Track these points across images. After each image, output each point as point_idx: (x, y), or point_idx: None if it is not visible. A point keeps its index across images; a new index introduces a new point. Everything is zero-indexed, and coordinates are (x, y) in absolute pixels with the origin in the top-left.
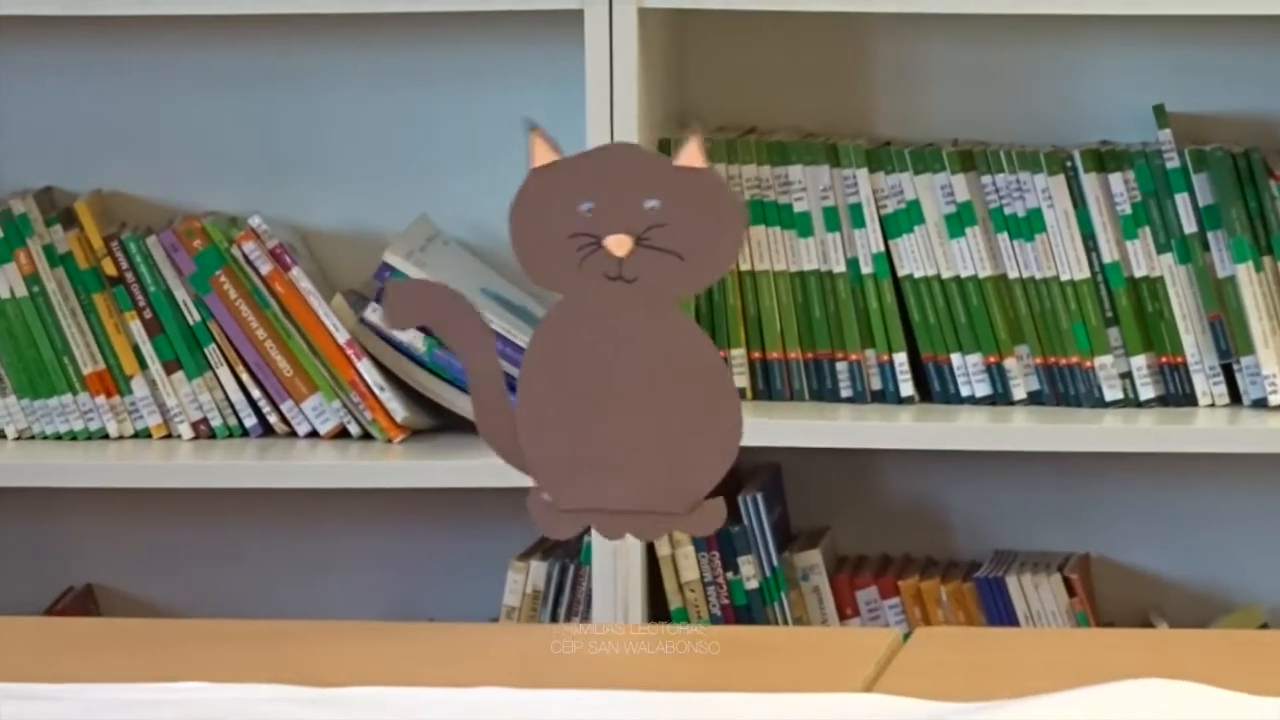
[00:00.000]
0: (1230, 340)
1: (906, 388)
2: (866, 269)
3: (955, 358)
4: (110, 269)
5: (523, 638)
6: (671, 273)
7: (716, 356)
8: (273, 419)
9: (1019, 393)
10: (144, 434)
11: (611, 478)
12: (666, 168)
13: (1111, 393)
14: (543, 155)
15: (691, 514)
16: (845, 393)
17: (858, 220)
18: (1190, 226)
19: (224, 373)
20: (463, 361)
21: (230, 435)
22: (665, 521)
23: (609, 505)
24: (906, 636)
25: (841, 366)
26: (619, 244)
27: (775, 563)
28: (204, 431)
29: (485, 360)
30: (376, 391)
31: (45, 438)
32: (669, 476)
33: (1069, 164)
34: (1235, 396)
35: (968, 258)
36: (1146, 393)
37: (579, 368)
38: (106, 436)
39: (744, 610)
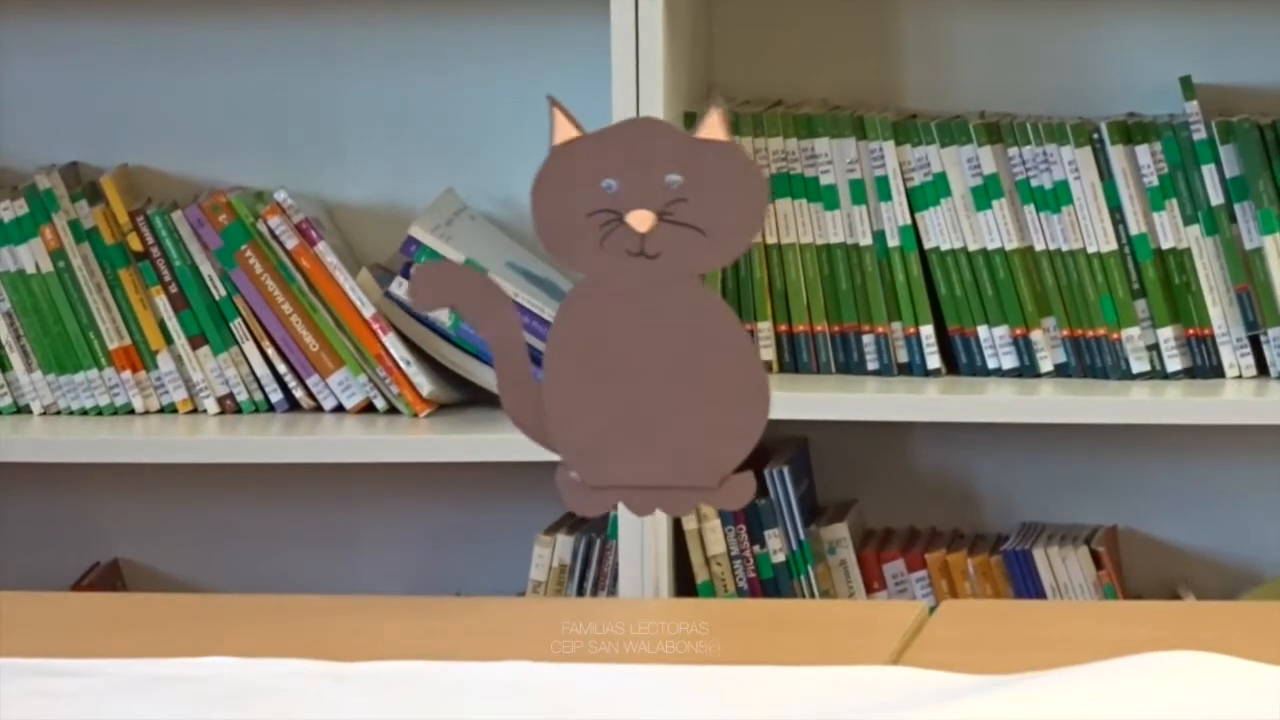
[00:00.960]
0: (1258, 312)
1: (933, 360)
2: (893, 242)
3: (982, 330)
4: (136, 244)
5: (548, 612)
6: (694, 248)
7: (742, 330)
8: (298, 394)
9: (1046, 365)
10: (170, 409)
11: (639, 454)
12: (688, 141)
13: (1138, 365)
14: (564, 131)
15: (721, 488)
16: (871, 365)
17: (884, 193)
18: (1217, 198)
19: (249, 348)
20: (489, 342)
21: (256, 410)
22: (695, 496)
23: (638, 481)
24: (932, 610)
25: (868, 339)
26: (641, 219)
27: (802, 536)
28: (229, 407)
29: (511, 340)
30: (402, 366)
31: (71, 413)
32: (697, 451)
33: (1096, 136)
34: (1263, 368)
35: (994, 230)
36: (1174, 365)
37: (604, 345)
38: (132, 412)
39: (770, 583)
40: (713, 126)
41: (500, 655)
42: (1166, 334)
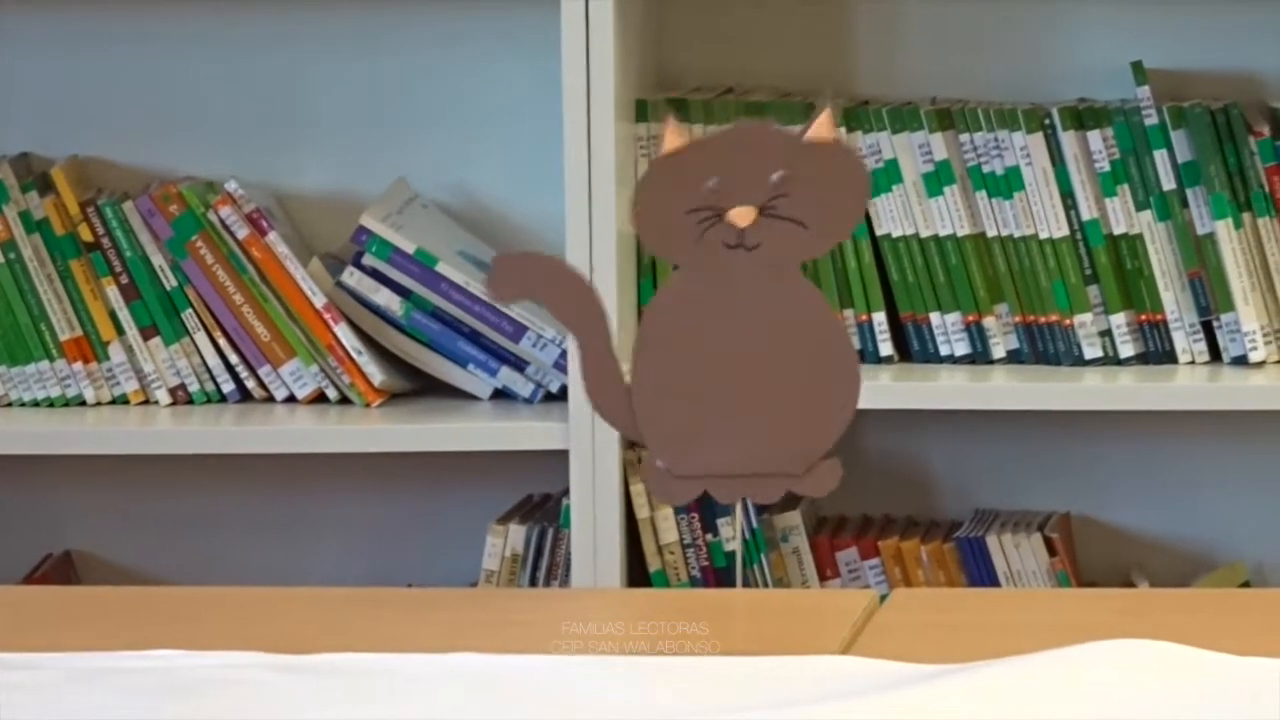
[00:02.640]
0: (1210, 297)
1: (886, 347)
2: None
3: (934, 317)
4: (87, 235)
5: (501, 601)
6: (792, 238)
7: (835, 319)
8: (250, 384)
9: (998, 351)
10: (121, 400)
11: (728, 442)
12: (794, 143)
13: (1091, 351)
14: (674, 139)
15: (808, 475)
16: None
17: None
18: (1169, 183)
19: (201, 338)
20: (573, 333)
21: (208, 401)
22: (782, 483)
23: (725, 470)
24: (884, 598)
25: None
26: (743, 215)
27: (755, 524)
28: (181, 397)
29: (596, 330)
30: (354, 355)
31: (23, 405)
32: (786, 439)
33: (1047, 122)
34: (1215, 353)
35: (946, 216)
36: (1126, 350)
37: (697, 335)
38: (84, 403)
39: (724, 572)
40: (821, 126)
41: (451, 646)
42: (1119, 320)
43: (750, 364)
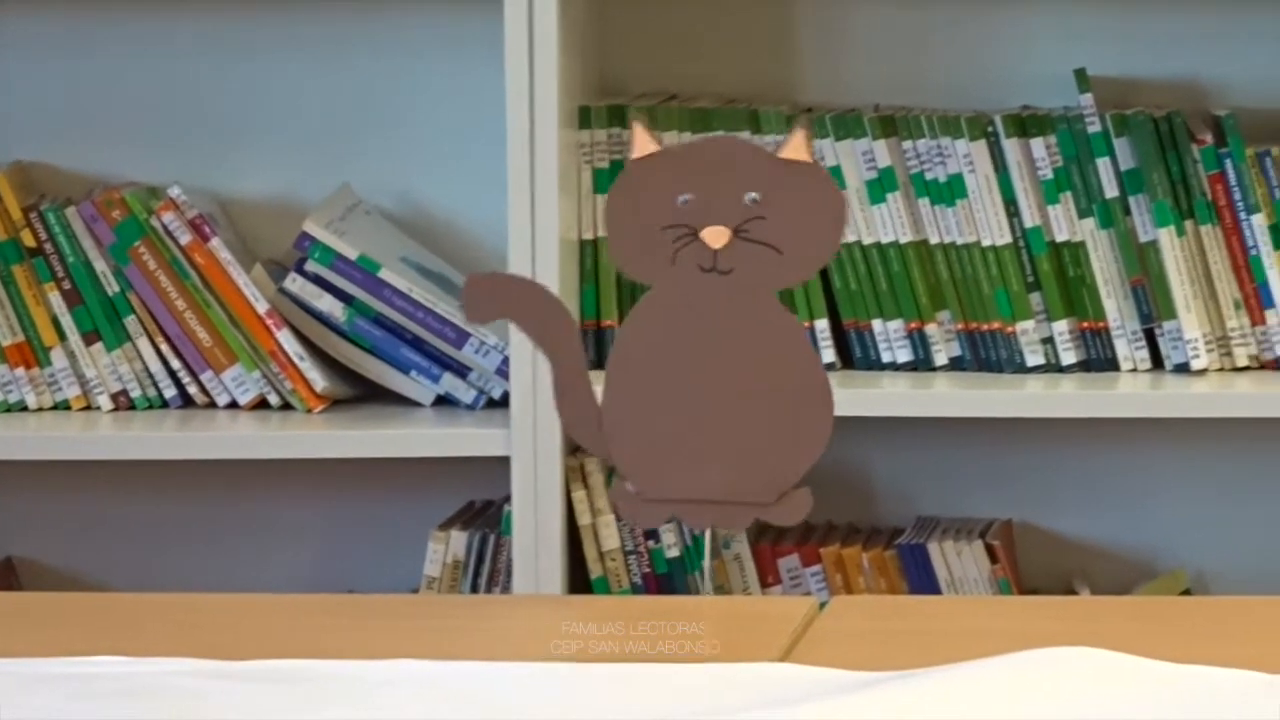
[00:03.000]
0: (1152, 305)
1: (828, 354)
2: None
3: (877, 324)
4: (29, 240)
5: (443, 609)
6: (768, 265)
7: (809, 347)
8: (192, 390)
9: (941, 359)
10: (63, 406)
11: (699, 468)
12: (769, 160)
13: (1033, 358)
14: (643, 146)
15: (778, 504)
16: None
17: None
18: (1112, 191)
19: (144, 344)
20: (546, 353)
21: (150, 406)
22: (752, 511)
23: (695, 495)
24: (823, 605)
25: None
26: (716, 236)
27: (696, 530)
28: (124, 403)
29: (568, 351)
30: (296, 361)
31: None
32: (757, 467)
33: (990, 129)
34: (1157, 361)
35: (889, 224)
36: (1068, 358)
37: (670, 358)
38: (25, 409)
39: (665, 578)
40: (796, 146)
41: (392, 653)
42: (1061, 327)
43: (723, 390)
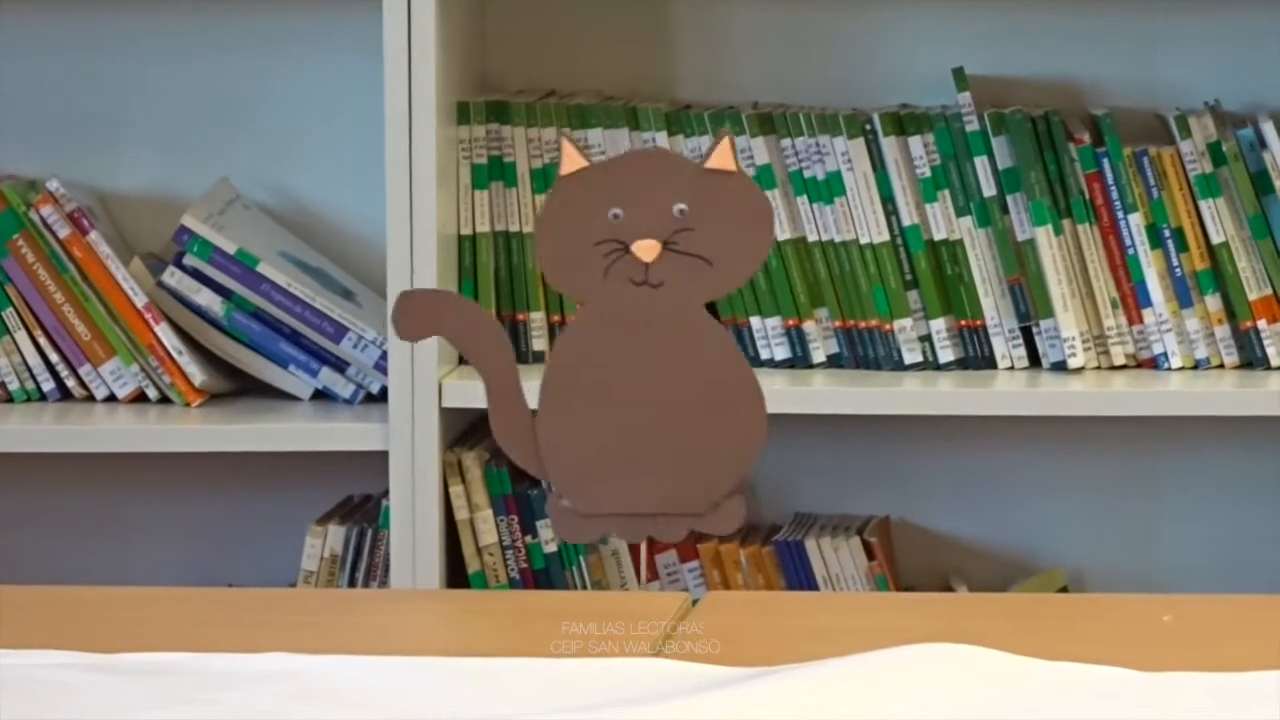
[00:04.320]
0: (1030, 303)
1: None
2: None
3: (755, 321)
4: None
5: (321, 602)
6: (699, 276)
7: (741, 358)
8: (70, 383)
9: (819, 356)
10: None
11: (633, 481)
12: (694, 171)
13: (911, 356)
14: (571, 162)
15: (712, 514)
16: None
17: None
18: (990, 190)
19: (21, 337)
20: (479, 369)
21: (28, 399)
22: (686, 522)
23: (629, 509)
24: (695, 601)
25: None
26: (647, 249)
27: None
28: (1, 396)
29: (501, 367)
30: (175, 355)
31: None
32: (690, 478)
33: (868, 127)
34: (1035, 359)
35: None
36: (946, 356)
37: (602, 372)
38: None
39: (542, 574)
40: (721, 156)
41: (265, 647)
42: (939, 325)
43: (656, 402)
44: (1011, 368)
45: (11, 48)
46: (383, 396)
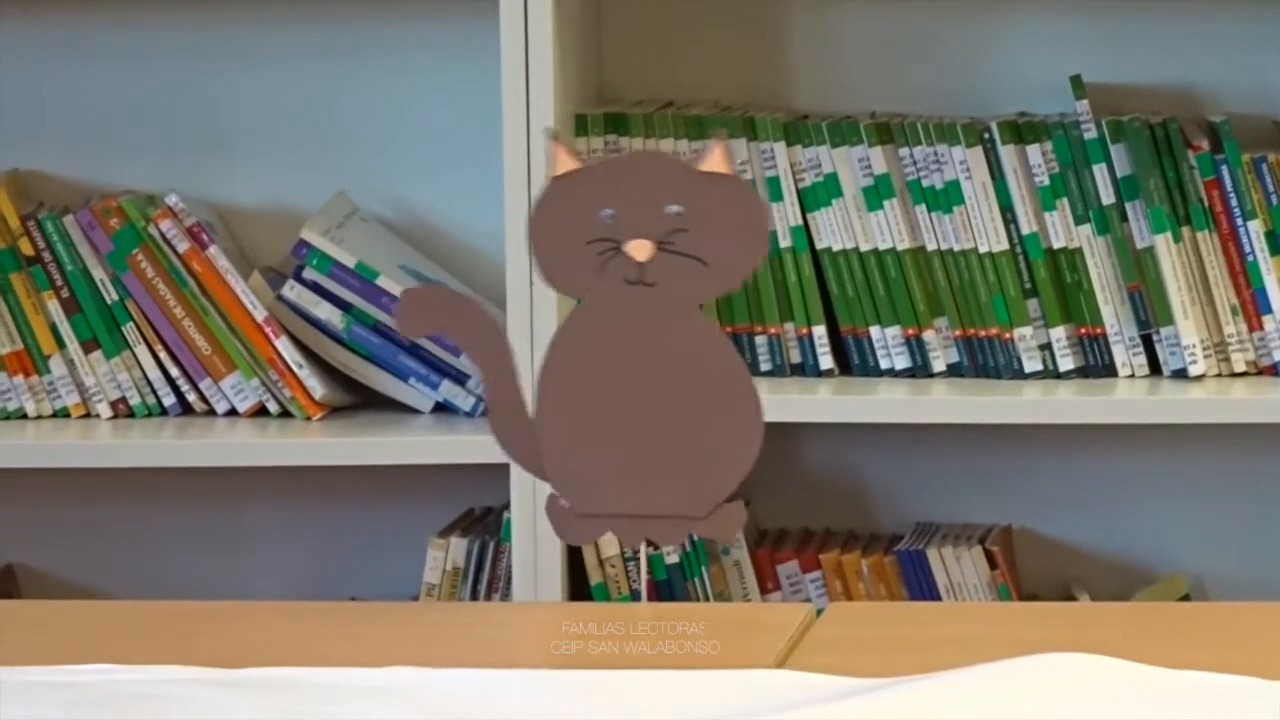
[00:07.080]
0: (1149, 311)
1: (826, 361)
2: (785, 242)
3: (874, 330)
4: (27, 249)
5: (443, 615)
6: (693, 277)
7: (738, 359)
8: (191, 397)
9: (938, 365)
10: (62, 414)
11: (631, 483)
12: (689, 173)
13: (1031, 364)
14: (564, 163)
15: (710, 517)
16: (765, 366)
17: (775, 193)
18: (1108, 197)
19: (142, 351)
20: (478, 368)
21: (149, 414)
22: (685, 525)
23: (628, 510)
24: (820, 612)
25: (760, 340)
26: (640, 248)
27: (696, 537)
28: (122, 410)
29: (501, 367)
30: (295, 369)
31: None
32: (688, 481)
33: (986, 135)
34: (1155, 367)
35: (886, 230)
36: (1066, 364)
37: (598, 373)
38: (25, 416)
39: (664, 585)
40: (715, 159)
41: (390, 660)
42: (1059, 333)
43: (652, 404)
44: (1132, 375)
45: (131, 63)
46: None
